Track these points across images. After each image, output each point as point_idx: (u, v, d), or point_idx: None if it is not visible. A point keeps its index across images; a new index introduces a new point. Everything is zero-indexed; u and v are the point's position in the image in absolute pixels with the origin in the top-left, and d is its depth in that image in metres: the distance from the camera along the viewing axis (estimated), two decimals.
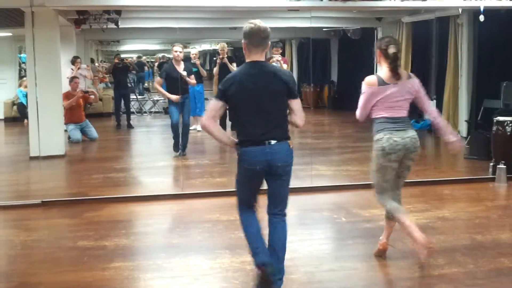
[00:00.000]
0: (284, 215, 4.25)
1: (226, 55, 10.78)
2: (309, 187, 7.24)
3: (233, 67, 10.61)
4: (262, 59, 4.10)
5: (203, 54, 18.28)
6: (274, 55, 12.67)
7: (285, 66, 12.67)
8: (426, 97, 4.79)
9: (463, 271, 4.53)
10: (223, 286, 4.35)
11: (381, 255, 4.84)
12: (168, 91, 9.29)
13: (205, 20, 11.81)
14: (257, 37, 4.03)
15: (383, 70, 4.66)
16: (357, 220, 6.01)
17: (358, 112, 4.82)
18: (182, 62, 9.32)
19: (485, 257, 4.62)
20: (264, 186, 4.18)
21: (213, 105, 4.01)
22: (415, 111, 12.65)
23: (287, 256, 4.88)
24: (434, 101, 12.08)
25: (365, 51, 14.48)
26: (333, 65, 16.62)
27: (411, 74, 4.75)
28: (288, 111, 4.10)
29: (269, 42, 4.10)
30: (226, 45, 11.53)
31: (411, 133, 4.63)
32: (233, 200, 6.66)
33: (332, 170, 8.41)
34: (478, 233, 5.52)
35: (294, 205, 6.77)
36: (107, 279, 4.51)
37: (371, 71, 14.11)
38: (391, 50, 4.56)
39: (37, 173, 8.48)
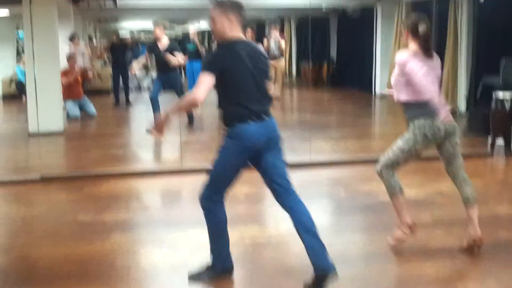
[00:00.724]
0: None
1: None
2: (308, 162, 7.25)
3: None
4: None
5: (202, 32, 18.21)
6: (272, 33, 12.65)
7: (283, 44, 12.67)
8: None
9: (461, 244, 4.56)
10: None
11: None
12: (156, 67, 9.63)
13: None
14: (243, 12, 3.86)
15: (410, 49, 4.37)
16: (356, 195, 6.04)
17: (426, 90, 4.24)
18: (164, 40, 9.34)
19: (483, 231, 4.64)
20: None
21: (208, 80, 3.65)
22: None
23: (285, 229, 4.93)
24: None
25: (364, 29, 14.46)
26: (332, 43, 16.60)
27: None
28: None
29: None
30: None
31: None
32: None
33: (331, 146, 8.43)
34: None
35: (293, 179, 6.83)
36: (107, 252, 4.54)
37: (370, 48, 14.11)
38: (422, 28, 4.27)
39: (36, 150, 8.49)
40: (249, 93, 3.77)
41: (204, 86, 3.63)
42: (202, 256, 4.41)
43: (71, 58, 11.13)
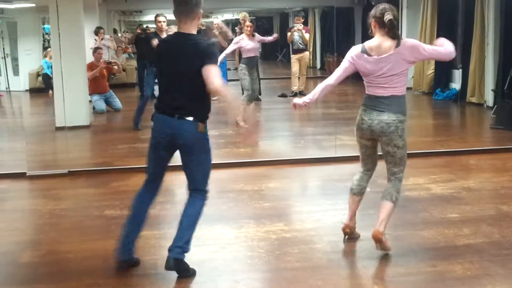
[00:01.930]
0: None
1: None
2: (333, 157, 7.23)
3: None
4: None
5: (225, 23, 18.21)
6: (295, 25, 12.60)
7: (307, 36, 12.60)
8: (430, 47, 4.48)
9: (489, 241, 4.52)
10: (248, 255, 4.39)
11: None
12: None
13: None
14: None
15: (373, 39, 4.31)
16: (381, 190, 5.94)
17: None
18: (164, 33, 9.18)
19: (511, 227, 4.60)
20: None
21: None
22: (441, 79, 12.61)
23: (310, 225, 4.93)
24: (460, 70, 11.96)
25: None
26: (356, 33, 16.44)
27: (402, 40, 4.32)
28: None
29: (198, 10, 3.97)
30: (247, 15, 11.48)
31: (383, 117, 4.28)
32: (258, 170, 6.71)
33: (356, 141, 8.37)
34: (504, 203, 5.48)
35: (318, 175, 6.84)
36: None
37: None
38: (387, 17, 4.18)
39: (63, 143, 8.58)
40: None
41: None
42: (228, 251, 4.45)
43: (96, 52, 11.20)
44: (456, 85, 12.26)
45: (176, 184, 6.49)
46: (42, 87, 12.42)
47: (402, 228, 4.86)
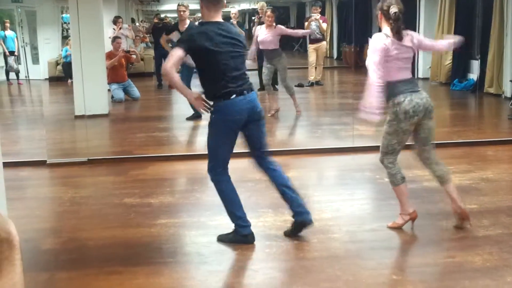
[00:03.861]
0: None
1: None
2: (350, 147, 7.24)
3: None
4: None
5: (242, 13, 18.17)
6: (313, 14, 12.55)
7: (324, 25, 12.55)
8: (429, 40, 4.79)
9: (508, 232, 4.52)
10: (266, 244, 4.43)
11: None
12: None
13: None
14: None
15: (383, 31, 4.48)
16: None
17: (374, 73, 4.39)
18: (187, 21, 9.13)
19: None
20: None
21: (178, 54, 4.06)
22: (459, 70, 12.53)
23: (328, 215, 4.95)
24: (478, 60, 11.86)
25: (408, 8, 14.20)
26: (374, 24, 16.35)
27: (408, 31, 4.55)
28: None
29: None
30: (265, 4, 11.45)
31: (425, 94, 4.57)
32: (275, 160, 6.72)
33: (374, 131, 8.34)
34: None
35: (336, 165, 6.85)
36: (153, 235, 4.63)
37: (413, 30, 13.88)
38: (393, 9, 4.37)
39: (82, 132, 8.65)
40: (228, 71, 4.16)
41: (171, 58, 4.05)
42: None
43: (115, 41, 11.26)
44: (473, 75, 12.17)
45: (194, 173, 6.56)
46: (62, 76, 12.49)
47: (420, 218, 4.84)
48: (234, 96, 4.17)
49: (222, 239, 4.44)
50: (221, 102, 4.20)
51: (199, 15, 8.97)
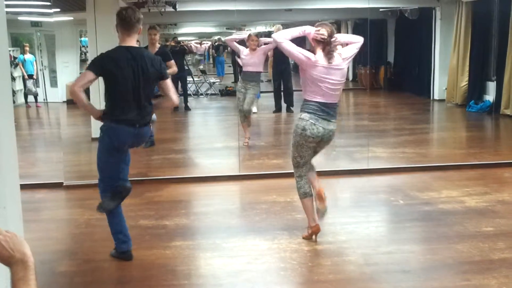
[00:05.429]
0: None
1: None
2: (365, 169, 7.22)
3: None
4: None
5: (257, 35, 18.28)
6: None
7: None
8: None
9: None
10: (281, 267, 4.42)
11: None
12: None
13: (260, 1, 11.85)
14: (129, 21, 4.32)
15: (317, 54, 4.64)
16: (414, 202, 5.98)
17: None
18: (157, 45, 8.71)
19: None
20: None
21: (88, 77, 4.22)
22: (475, 91, 12.49)
23: (343, 237, 4.94)
24: (494, 82, 11.82)
25: (423, 31, 14.24)
26: (389, 45, 16.39)
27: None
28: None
29: (140, 27, 4.41)
30: (281, 27, 11.48)
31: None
32: (290, 181, 6.74)
33: (389, 152, 8.36)
34: None
35: (351, 187, 6.84)
36: (168, 257, 4.65)
37: (428, 51, 13.91)
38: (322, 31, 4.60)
39: None
40: (126, 98, 4.31)
41: (79, 80, 4.27)
42: (261, 263, 4.48)
43: None
44: (490, 97, 12.12)
45: (209, 195, 6.58)
46: None
47: (436, 241, 4.83)
48: (123, 125, 4.36)
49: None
50: (110, 124, 4.42)
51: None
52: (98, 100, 8.66)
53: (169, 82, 4.49)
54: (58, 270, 4.53)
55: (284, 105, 11.23)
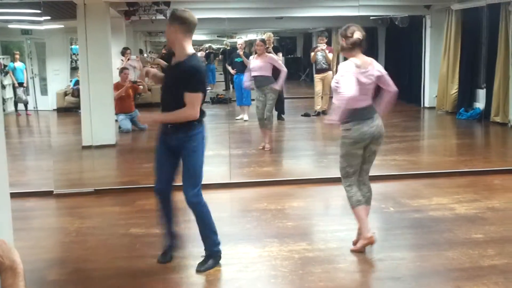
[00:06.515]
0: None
1: (272, 45, 10.76)
2: None
3: (279, 57, 10.62)
4: None
5: (249, 44, 18.34)
6: (319, 44, 12.66)
7: (330, 56, 12.65)
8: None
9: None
10: (272, 274, 4.42)
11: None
12: None
13: (252, 10, 11.89)
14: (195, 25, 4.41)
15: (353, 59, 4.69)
16: (405, 210, 6.00)
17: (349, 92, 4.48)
18: None
19: None
20: None
21: (200, 98, 4.33)
22: (465, 99, 12.55)
23: (334, 245, 4.95)
24: (484, 89, 11.90)
25: (413, 39, 14.33)
26: (380, 53, 16.46)
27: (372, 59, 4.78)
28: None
29: None
30: (272, 35, 11.54)
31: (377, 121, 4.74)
32: (281, 189, 6.76)
33: (379, 160, 8.30)
34: None
35: (341, 194, 6.82)
36: (159, 266, 4.63)
37: (419, 59, 13.99)
38: (356, 35, 4.63)
39: (89, 162, 8.71)
40: None
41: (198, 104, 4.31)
42: (252, 270, 4.48)
43: (123, 72, 11.38)
44: (480, 104, 12.20)
45: None
46: (70, 107, 12.60)
47: (426, 248, 4.85)
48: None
49: (203, 269, 4.49)
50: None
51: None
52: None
53: None
54: (48, 279, 4.50)
55: (275, 113, 11.24)
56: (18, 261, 1.65)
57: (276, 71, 9.08)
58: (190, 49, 4.33)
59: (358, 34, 4.61)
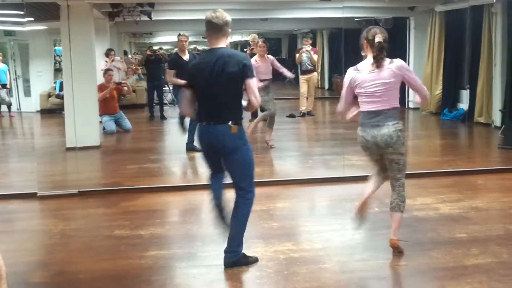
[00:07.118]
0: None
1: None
2: (341, 177, 7.26)
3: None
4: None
5: (234, 45, 18.35)
6: (304, 46, 12.69)
7: (315, 57, 12.68)
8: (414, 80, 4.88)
9: (497, 261, 4.52)
10: (257, 275, 4.41)
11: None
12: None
13: (236, 11, 11.88)
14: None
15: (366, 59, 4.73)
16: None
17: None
18: (187, 51, 9.19)
19: None
20: None
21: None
22: (449, 100, 12.62)
23: (319, 245, 4.96)
24: (468, 90, 11.97)
25: (397, 40, 14.38)
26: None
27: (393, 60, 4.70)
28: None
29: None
30: (257, 36, 11.57)
31: (384, 130, 4.63)
32: (266, 190, 6.76)
33: (364, 160, 8.32)
34: None
35: (327, 195, 6.86)
36: (143, 267, 4.61)
37: (403, 60, 14.01)
38: (377, 39, 4.59)
39: (73, 164, 8.64)
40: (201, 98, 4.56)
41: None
42: (237, 271, 4.47)
43: (107, 73, 11.32)
44: (463, 105, 12.28)
45: (184, 204, 6.56)
46: (54, 108, 12.53)
47: (410, 248, 4.86)
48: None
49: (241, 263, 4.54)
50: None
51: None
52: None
53: None
54: (32, 281, 4.46)
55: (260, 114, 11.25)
56: (0, 263, 1.64)
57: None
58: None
59: (379, 38, 4.58)
